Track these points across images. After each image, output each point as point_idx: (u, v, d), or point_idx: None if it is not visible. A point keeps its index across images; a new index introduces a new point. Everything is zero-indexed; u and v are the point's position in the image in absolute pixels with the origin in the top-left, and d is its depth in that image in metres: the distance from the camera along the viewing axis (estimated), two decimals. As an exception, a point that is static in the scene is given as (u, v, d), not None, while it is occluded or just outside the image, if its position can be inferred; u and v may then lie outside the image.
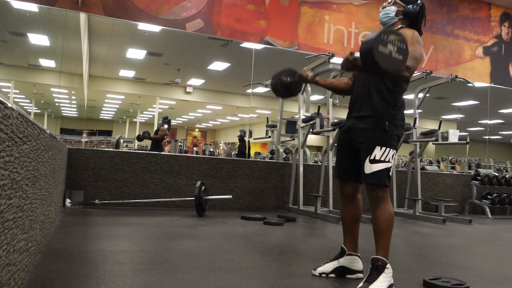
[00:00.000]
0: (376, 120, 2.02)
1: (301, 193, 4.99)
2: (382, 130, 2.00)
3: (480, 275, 2.42)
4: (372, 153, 2.00)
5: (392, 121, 2.02)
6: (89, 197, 4.47)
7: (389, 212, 1.98)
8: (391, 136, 2.02)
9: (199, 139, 26.79)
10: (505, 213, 6.82)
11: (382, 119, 2.01)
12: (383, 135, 2.00)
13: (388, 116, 2.02)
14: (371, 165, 1.99)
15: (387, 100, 2.03)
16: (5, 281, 1.25)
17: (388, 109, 2.03)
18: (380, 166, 1.98)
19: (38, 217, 1.95)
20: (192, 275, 2.00)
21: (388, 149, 2.00)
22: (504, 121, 15.73)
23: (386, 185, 2.00)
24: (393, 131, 2.02)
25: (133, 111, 20.28)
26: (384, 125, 2.00)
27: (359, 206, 2.21)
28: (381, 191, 2.00)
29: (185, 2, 5.15)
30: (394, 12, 2.17)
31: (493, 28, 7.19)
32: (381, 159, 1.99)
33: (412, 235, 3.99)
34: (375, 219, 1.98)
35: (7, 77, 12.36)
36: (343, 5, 6.04)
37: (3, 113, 1.09)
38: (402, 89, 2.08)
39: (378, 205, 1.99)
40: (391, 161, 2.01)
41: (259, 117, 15.60)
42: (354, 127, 2.11)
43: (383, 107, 2.03)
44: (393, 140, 2.03)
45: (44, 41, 9.14)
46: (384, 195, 2.00)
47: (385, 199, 2.00)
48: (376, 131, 2.02)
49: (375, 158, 1.99)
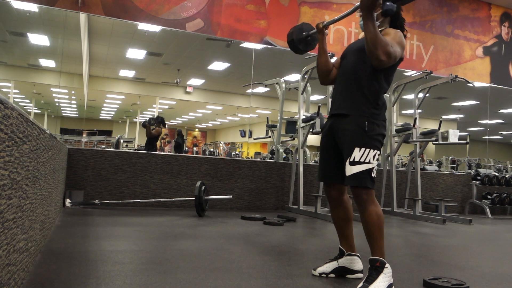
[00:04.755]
0: (355, 120, 2.00)
1: (301, 193, 4.99)
2: (362, 130, 1.98)
3: (480, 275, 2.42)
4: (351, 155, 1.97)
5: (372, 121, 1.99)
6: (89, 197, 4.47)
7: (376, 213, 1.94)
8: (371, 137, 1.98)
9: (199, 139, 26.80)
10: (505, 213, 6.82)
11: (362, 119, 1.99)
12: (363, 136, 1.97)
13: (368, 116, 1.99)
14: (351, 167, 1.96)
15: (367, 99, 2.01)
16: (5, 281, 1.25)
17: (369, 109, 2.01)
18: (360, 168, 1.95)
19: (38, 217, 1.95)
20: (192, 275, 2.00)
21: (368, 150, 1.96)
22: (504, 121, 15.73)
23: (368, 187, 1.96)
24: (374, 131, 1.99)
25: (133, 111, 20.28)
26: (363, 126, 1.98)
27: (348, 207, 2.19)
28: (365, 194, 1.96)
29: (185, 2, 5.15)
30: None
31: (493, 28, 7.19)
32: (360, 161, 1.95)
33: (412, 235, 3.99)
34: (364, 223, 1.96)
35: (7, 77, 12.37)
36: (343, 5, 6.04)
37: (3, 113, 1.09)
38: (383, 88, 2.06)
39: (365, 208, 1.96)
40: (372, 162, 1.97)
41: (259, 117, 15.60)
42: (335, 128, 2.10)
43: (363, 107, 2.01)
44: (374, 140, 1.99)
45: (44, 41, 9.14)
46: (368, 198, 1.96)
47: (370, 201, 1.96)
48: (355, 132, 1.99)
49: (354, 160, 1.96)
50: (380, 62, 1.90)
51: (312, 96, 6.25)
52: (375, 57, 1.89)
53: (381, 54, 1.87)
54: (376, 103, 2.02)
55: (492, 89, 7.27)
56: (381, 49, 1.86)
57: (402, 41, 2.03)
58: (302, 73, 5.27)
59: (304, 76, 5.22)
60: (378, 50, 1.86)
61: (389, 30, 2.07)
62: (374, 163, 1.98)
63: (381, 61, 1.89)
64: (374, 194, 2.01)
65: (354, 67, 2.09)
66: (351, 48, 2.21)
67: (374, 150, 1.98)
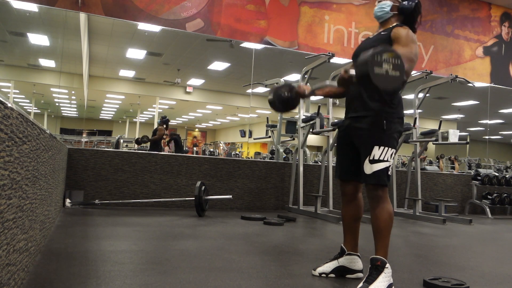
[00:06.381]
0: (374, 119, 2.01)
1: (301, 193, 4.99)
2: (380, 129, 1.99)
3: (480, 275, 2.42)
4: (371, 153, 2.00)
5: (390, 119, 2.01)
6: (89, 197, 4.47)
7: (388, 211, 1.97)
8: (389, 135, 2.01)
9: (199, 139, 26.80)
10: (505, 213, 6.82)
11: (380, 118, 2.00)
12: (381, 135, 1.99)
13: (385, 115, 2.01)
14: (371, 165, 1.99)
15: (383, 99, 2.02)
16: (5, 281, 1.25)
17: (385, 108, 2.01)
18: (380, 166, 1.98)
19: (38, 217, 1.95)
20: (192, 275, 2.00)
21: (387, 148, 1.99)
22: (504, 121, 15.73)
23: (386, 184, 2.00)
24: (392, 130, 2.01)
25: (133, 111, 20.29)
26: (382, 125, 1.99)
27: (360, 205, 2.21)
28: (381, 191, 2.00)
29: (185, 2, 5.15)
30: (389, 7, 2.14)
31: (493, 28, 7.19)
32: (380, 159, 1.98)
33: (412, 235, 3.99)
34: (375, 218, 1.98)
35: (7, 77, 12.37)
36: (343, 5, 6.04)
37: (3, 113, 1.09)
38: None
39: (378, 204, 1.99)
40: (390, 160, 2.01)
41: (259, 117, 15.59)
42: (352, 126, 2.11)
43: (380, 106, 2.02)
44: (392, 138, 2.02)
45: (44, 41, 9.14)
46: (384, 195, 2.00)
47: (384, 198, 2.00)
48: (373, 131, 2.01)
49: (374, 158, 1.99)
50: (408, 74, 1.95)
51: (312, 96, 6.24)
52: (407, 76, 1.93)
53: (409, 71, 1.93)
54: (391, 101, 2.03)
55: (492, 89, 7.27)
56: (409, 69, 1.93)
57: (414, 39, 2.04)
58: (302, 73, 5.26)
59: (304, 76, 5.21)
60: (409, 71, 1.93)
61: (399, 30, 2.05)
62: (391, 161, 2.02)
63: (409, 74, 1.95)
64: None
65: None
66: (363, 47, 2.17)
67: (391, 149, 2.01)
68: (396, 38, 2.04)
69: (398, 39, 2.03)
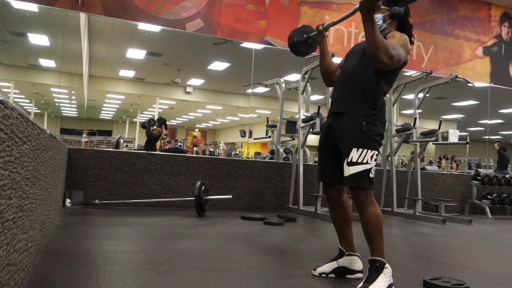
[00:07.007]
0: (353, 120, 2.00)
1: (301, 193, 4.99)
2: (359, 131, 1.97)
3: (480, 275, 2.42)
4: (349, 155, 1.97)
5: (370, 121, 1.99)
6: (89, 197, 4.47)
7: (375, 214, 1.94)
8: (369, 137, 1.97)
9: (199, 139, 26.79)
10: (505, 213, 6.82)
11: (360, 119, 1.98)
12: (360, 137, 1.97)
13: (366, 116, 1.99)
14: (349, 168, 1.96)
15: (366, 99, 2.01)
16: (5, 281, 1.25)
17: (367, 109, 2.00)
18: (358, 168, 1.95)
19: (38, 217, 1.95)
20: (192, 275, 2.00)
21: (366, 151, 1.96)
22: (504, 121, 15.72)
23: (365, 187, 1.95)
24: (372, 132, 1.98)
25: (133, 111, 20.27)
26: (361, 126, 1.97)
27: (347, 207, 2.19)
28: (363, 194, 1.96)
29: (185, 2, 5.15)
30: (381, 20, 2.12)
31: (493, 28, 7.19)
32: (358, 161, 1.95)
33: (412, 235, 3.99)
34: (363, 223, 1.96)
35: (7, 77, 12.36)
36: (343, 5, 6.04)
37: (3, 113, 1.09)
38: (383, 90, 2.06)
39: (363, 209, 1.95)
40: (370, 162, 1.96)
41: (259, 117, 15.60)
42: (334, 127, 2.10)
43: (362, 106, 2.00)
44: (372, 140, 1.98)
45: (44, 41, 9.14)
46: (367, 198, 1.96)
47: (369, 202, 1.96)
48: (352, 133, 1.99)
49: (352, 160, 1.96)
50: (382, 64, 1.88)
51: (312, 96, 6.25)
52: (377, 59, 1.87)
53: (383, 56, 1.85)
54: (375, 103, 2.02)
55: (492, 89, 7.27)
56: (383, 51, 1.84)
57: (407, 44, 2.02)
58: (302, 73, 5.27)
59: (304, 76, 5.22)
60: (380, 52, 1.84)
61: (395, 33, 2.06)
62: (372, 164, 1.97)
63: (383, 63, 1.87)
64: (373, 194, 2.01)
65: (355, 67, 2.09)
66: (356, 48, 2.20)
67: (372, 151, 1.97)
68: (391, 36, 2.05)
69: (392, 37, 2.04)
